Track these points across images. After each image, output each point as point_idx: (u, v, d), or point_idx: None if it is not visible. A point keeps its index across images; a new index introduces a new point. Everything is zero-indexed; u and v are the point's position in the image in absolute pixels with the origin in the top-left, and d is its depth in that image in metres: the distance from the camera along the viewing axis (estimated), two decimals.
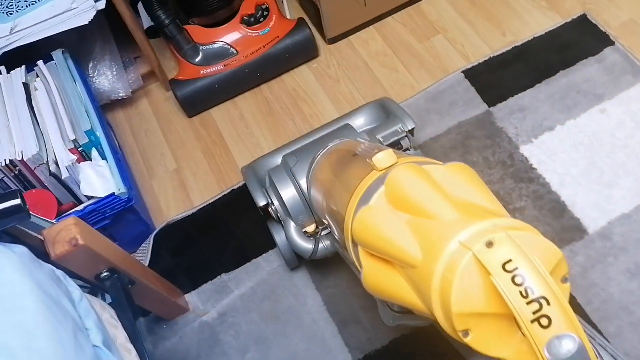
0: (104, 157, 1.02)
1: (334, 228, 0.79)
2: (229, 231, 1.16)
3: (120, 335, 0.76)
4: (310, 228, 0.99)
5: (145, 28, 1.37)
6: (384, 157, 0.62)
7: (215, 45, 1.27)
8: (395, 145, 1.02)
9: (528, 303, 0.41)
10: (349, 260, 0.77)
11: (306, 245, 0.98)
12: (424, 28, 1.33)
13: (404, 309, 0.67)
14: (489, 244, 0.44)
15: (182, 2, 1.28)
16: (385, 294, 0.58)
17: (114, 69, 1.26)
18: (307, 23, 1.29)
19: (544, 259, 0.44)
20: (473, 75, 1.25)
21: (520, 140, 1.16)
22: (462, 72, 1.26)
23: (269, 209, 1.01)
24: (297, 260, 1.06)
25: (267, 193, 1.00)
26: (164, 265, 1.14)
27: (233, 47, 1.27)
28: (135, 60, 1.33)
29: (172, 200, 1.22)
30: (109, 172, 1.01)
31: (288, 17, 1.36)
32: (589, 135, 1.15)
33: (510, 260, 0.43)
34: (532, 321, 0.41)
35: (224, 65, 1.27)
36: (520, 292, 0.41)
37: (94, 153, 1.02)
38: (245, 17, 1.28)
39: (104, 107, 1.30)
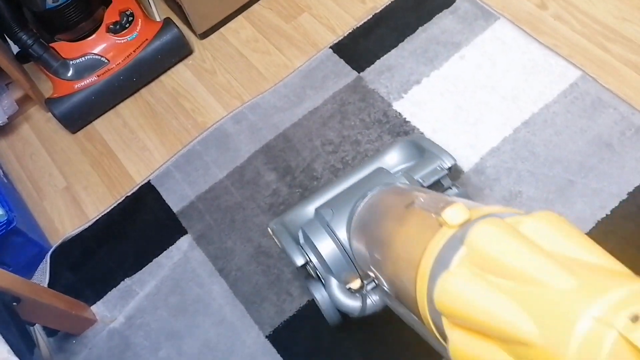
0: None
1: (385, 283, 0.72)
2: (127, 236, 1.16)
3: (2, 349, 0.76)
4: (355, 284, 0.89)
5: (15, 53, 1.36)
6: (456, 213, 0.52)
7: (85, 58, 1.27)
8: (435, 185, 0.93)
9: None
10: (408, 320, 0.73)
11: (352, 303, 0.88)
12: (289, 9, 1.37)
13: None
14: (635, 319, 0.35)
15: (43, 21, 1.27)
16: None
17: None
18: (174, 22, 1.31)
19: None
20: (340, 48, 1.30)
21: (392, 97, 1.22)
22: (330, 47, 1.31)
23: (307, 267, 0.92)
24: (341, 318, 0.95)
25: (304, 250, 0.91)
26: (65, 282, 1.13)
27: (103, 57, 1.27)
28: (7, 87, 1.31)
29: (66, 218, 1.21)
30: None
31: (157, 19, 1.38)
32: (452, 82, 1.22)
33: None
34: None
35: (98, 76, 1.27)
36: None
37: None
38: (110, 26, 1.29)
39: None
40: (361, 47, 1.29)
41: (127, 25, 1.29)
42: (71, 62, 1.27)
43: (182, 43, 1.32)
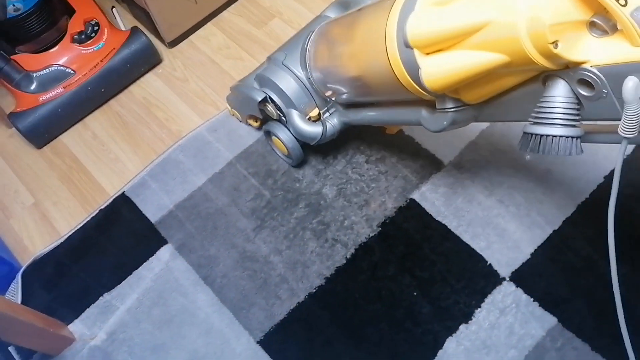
0: None
1: (355, 85, 0.88)
2: (103, 251, 1.11)
3: None
4: (314, 113, 1.02)
5: None
6: None
7: (49, 70, 1.22)
8: None
9: None
10: (377, 118, 0.93)
11: (315, 129, 1.01)
12: (260, 15, 1.37)
13: (459, 103, 0.73)
14: None
15: (3, 31, 1.22)
16: (452, 78, 0.64)
17: None
18: (141, 31, 1.28)
19: None
20: None
21: None
22: None
23: (268, 108, 1.04)
24: (303, 153, 1.10)
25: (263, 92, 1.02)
26: (39, 302, 1.06)
27: (69, 68, 1.23)
28: None
29: (36, 235, 1.15)
30: None
31: (123, 28, 1.35)
32: None
33: None
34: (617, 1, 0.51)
35: (64, 88, 1.22)
36: None
37: None
38: (75, 36, 1.25)
39: None
40: None
41: (92, 35, 1.25)
42: (34, 74, 1.22)
43: (151, 51, 1.29)
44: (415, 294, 1.01)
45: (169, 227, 1.12)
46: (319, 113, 1.03)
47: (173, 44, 1.35)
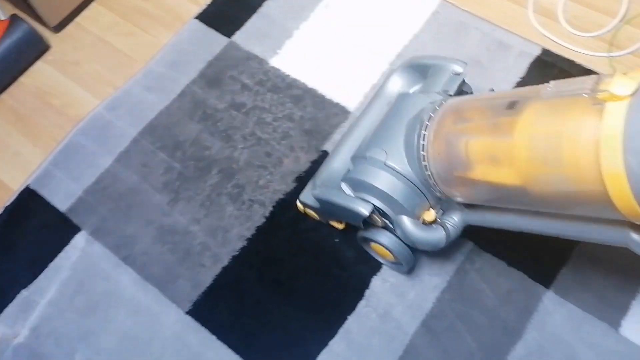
0: None
1: (511, 189, 0.66)
2: (15, 248, 1.07)
3: None
4: (429, 216, 0.84)
5: None
6: (624, 81, 0.50)
7: None
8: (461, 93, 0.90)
9: None
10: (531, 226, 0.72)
11: (436, 234, 0.83)
12: None
13: None
14: None
15: None
16: None
17: None
18: (22, 18, 1.22)
19: None
20: (207, 17, 1.28)
21: (267, 56, 1.21)
22: (196, 18, 1.28)
23: (372, 217, 0.85)
24: (414, 258, 0.93)
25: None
26: None
27: None
28: None
29: None
30: None
31: (2, 18, 1.27)
32: (323, 30, 1.24)
33: None
34: None
35: None
36: None
37: None
38: None
39: None
40: (228, 13, 1.27)
41: None
42: None
43: (36, 38, 1.23)
44: (337, 240, 1.03)
45: (80, 213, 1.09)
46: (435, 214, 0.85)
47: (59, 27, 1.28)
